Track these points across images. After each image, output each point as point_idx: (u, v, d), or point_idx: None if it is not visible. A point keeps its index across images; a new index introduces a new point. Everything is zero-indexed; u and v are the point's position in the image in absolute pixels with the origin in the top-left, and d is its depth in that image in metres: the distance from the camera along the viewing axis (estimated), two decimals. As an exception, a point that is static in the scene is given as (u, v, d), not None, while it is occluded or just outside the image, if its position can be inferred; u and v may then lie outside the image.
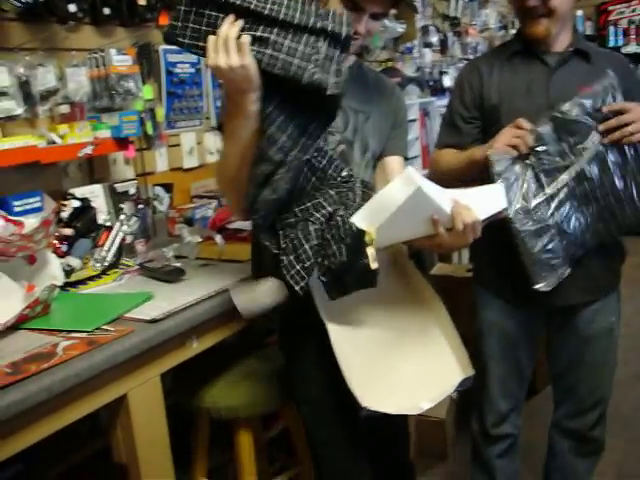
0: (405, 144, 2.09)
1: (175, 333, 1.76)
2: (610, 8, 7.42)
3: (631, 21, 7.27)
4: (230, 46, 1.46)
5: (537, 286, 2.07)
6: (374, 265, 1.56)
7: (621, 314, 2.33)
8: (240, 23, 1.48)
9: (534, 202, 2.04)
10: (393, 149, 2.03)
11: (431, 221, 1.60)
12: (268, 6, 1.48)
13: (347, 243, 1.58)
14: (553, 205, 2.05)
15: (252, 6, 1.47)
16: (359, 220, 1.59)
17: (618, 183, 2.04)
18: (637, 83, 2.22)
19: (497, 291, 2.29)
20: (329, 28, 1.49)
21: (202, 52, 1.52)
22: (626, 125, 1.95)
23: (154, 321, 1.74)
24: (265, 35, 1.48)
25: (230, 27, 1.47)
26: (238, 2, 1.48)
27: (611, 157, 2.02)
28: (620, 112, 1.96)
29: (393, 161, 2.02)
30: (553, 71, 2.15)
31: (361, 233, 1.57)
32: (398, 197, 1.52)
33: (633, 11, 7.30)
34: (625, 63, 2.30)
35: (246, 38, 1.47)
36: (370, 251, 1.56)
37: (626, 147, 2.00)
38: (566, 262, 2.09)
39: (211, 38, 1.49)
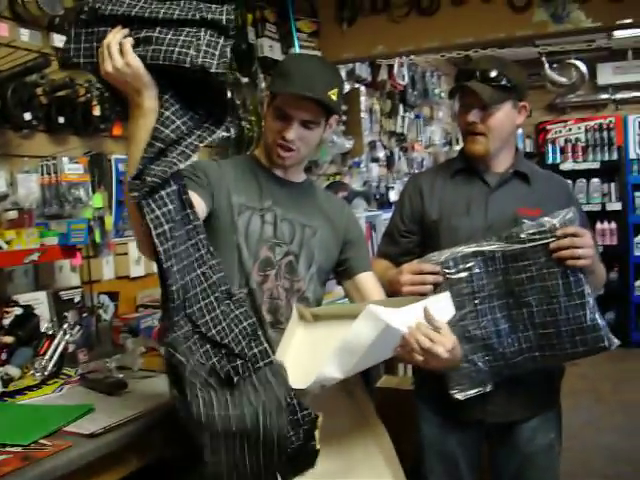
0: (369, 259, 2.15)
1: (115, 448, 1.72)
2: (548, 127, 7.79)
3: (567, 140, 7.63)
4: (113, 50, 1.49)
5: (451, 392, 2.07)
6: (318, 446, 1.58)
7: (563, 428, 2.34)
8: (125, 31, 1.51)
9: (462, 311, 2.03)
10: (361, 266, 2.09)
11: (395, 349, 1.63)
12: (149, 9, 1.52)
13: (305, 428, 1.57)
14: (482, 320, 2.05)
15: (133, 13, 1.52)
16: (332, 370, 1.58)
17: (559, 315, 2.01)
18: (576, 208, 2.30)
19: (436, 406, 2.27)
20: (208, 17, 1.53)
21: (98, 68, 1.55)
22: (577, 248, 1.96)
23: (93, 435, 1.70)
24: (149, 34, 1.51)
25: (113, 35, 1.51)
26: (120, 12, 1.52)
27: (555, 284, 2.00)
28: (574, 235, 1.98)
29: (366, 278, 2.07)
30: (492, 191, 2.23)
31: (315, 420, 1.57)
32: (366, 337, 1.53)
33: (569, 130, 7.67)
34: (565, 187, 2.40)
35: (127, 40, 1.50)
36: (317, 434, 1.57)
37: (571, 278, 1.99)
38: (489, 378, 2.08)
39: (100, 50, 1.52)
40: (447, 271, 2.04)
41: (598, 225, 7.21)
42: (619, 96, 7.50)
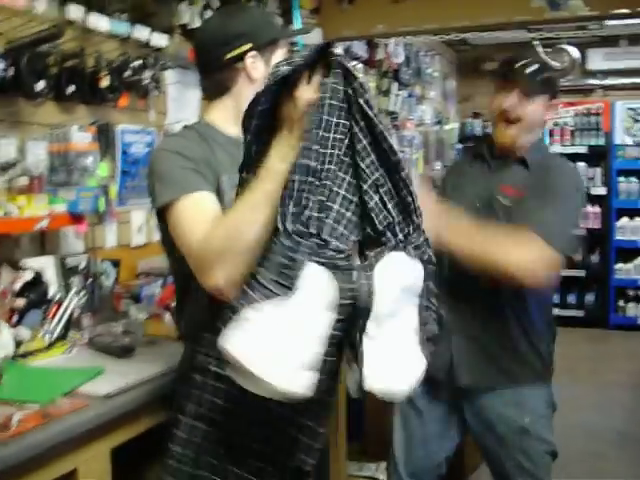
0: None
1: (129, 408, 1.80)
2: (537, 111, 7.86)
3: (556, 123, 7.69)
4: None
5: None
6: None
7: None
8: None
9: None
10: None
11: None
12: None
13: None
14: None
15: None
16: None
17: None
18: (547, 187, 2.25)
19: None
20: None
21: None
22: None
23: (108, 396, 1.78)
24: None
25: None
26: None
27: None
28: None
29: None
30: (492, 173, 2.36)
31: None
32: None
33: (557, 114, 7.74)
34: (553, 169, 2.33)
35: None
36: None
37: None
38: None
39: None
40: None
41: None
42: (608, 82, 7.58)
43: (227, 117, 1.82)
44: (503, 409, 2.32)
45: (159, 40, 2.99)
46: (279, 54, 1.82)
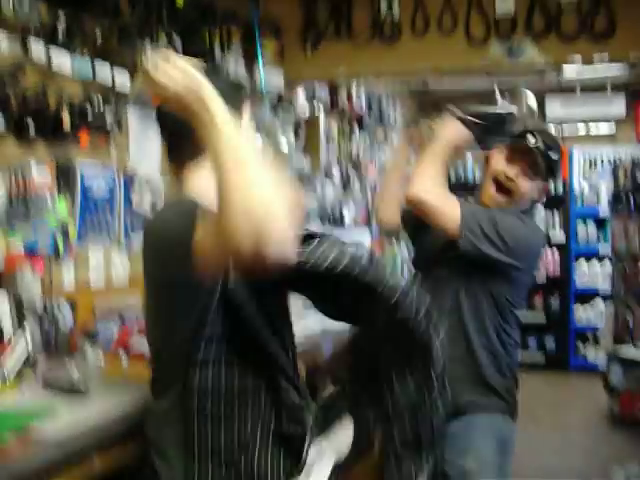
0: None
1: (78, 449, 1.75)
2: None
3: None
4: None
5: None
6: None
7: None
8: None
9: None
10: None
11: None
12: None
13: None
14: None
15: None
16: None
17: None
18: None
19: None
20: None
21: None
22: None
23: (57, 438, 1.73)
24: None
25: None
26: None
27: None
28: None
29: None
30: None
31: None
32: None
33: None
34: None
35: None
36: None
37: None
38: None
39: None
40: None
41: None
42: (565, 127, 7.70)
43: (210, 186, 1.45)
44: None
45: (122, 79, 3.00)
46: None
